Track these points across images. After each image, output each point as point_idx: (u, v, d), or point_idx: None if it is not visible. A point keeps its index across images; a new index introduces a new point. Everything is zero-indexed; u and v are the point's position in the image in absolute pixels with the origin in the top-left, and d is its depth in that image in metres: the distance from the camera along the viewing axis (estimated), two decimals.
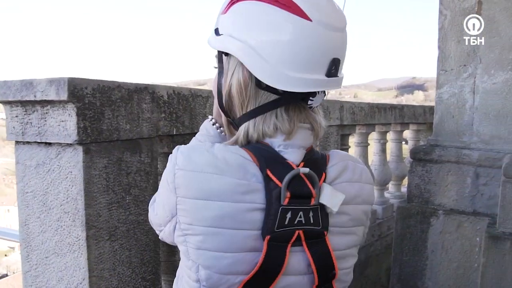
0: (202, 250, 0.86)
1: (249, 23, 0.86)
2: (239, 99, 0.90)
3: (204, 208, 0.84)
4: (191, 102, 1.92)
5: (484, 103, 2.79)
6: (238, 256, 0.85)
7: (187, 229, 0.86)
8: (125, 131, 1.56)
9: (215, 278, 0.86)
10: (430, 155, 2.92)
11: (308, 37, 0.83)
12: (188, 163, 0.86)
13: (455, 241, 2.79)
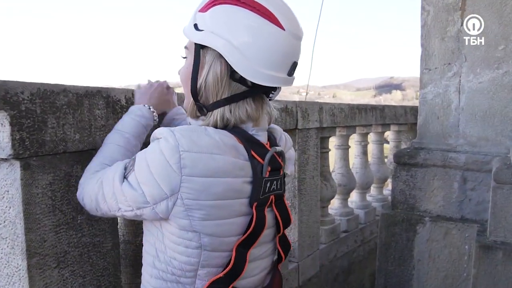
0: (207, 221, 1.01)
1: (233, 25, 1.01)
2: (215, 87, 1.05)
3: (212, 184, 0.99)
4: None
5: (470, 103, 2.66)
6: (234, 220, 1.05)
7: (192, 204, 0.99)
8: (74, 142, 1.35)
9: (216, 242, 1.04)
10: (415, 159, 2.78)
11: (281, 43, 1.03)
12: (193, 145, 0.98)
13: (443, 249, 2.64)
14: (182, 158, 0.97)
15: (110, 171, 1.09)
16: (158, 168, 0.99)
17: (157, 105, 1.40)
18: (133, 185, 1.03)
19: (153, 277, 1.11)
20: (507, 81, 2.54)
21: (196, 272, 1.06)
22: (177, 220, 1.01)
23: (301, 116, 3.06)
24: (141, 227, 1.91)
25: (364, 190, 4.42)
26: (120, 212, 1.08)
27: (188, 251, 1.04)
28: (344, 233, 3.83)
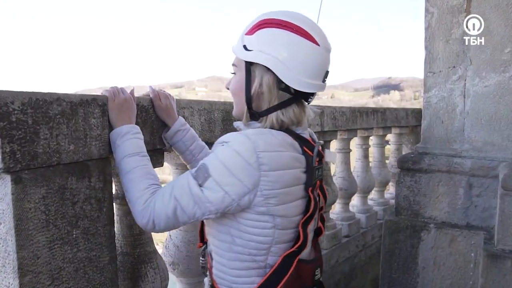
0: (281, 205, 1.22)
1: (277, 44, 1.23)
2: (268, 96, 1.27)
3: (282, 175, 1.20)
4: (151, 114, 1.65)
5: (476, 108, 2.60)
6: (296, 203, 1.26)
7: (269, 194, 1.19)
8: (68, 153, 1.29)
9: (285, 222, 1.25)
10: (419, 164, 2.72)
11: (316, 55, 1.26)
12: (266, 146, 1.18)
13: (448, 257, 2.58)
14: (259, 157, 1.16)
15: (180, 186, 1.22)
16: (239, 169, 1.16)
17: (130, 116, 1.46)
18: (215, 189, 1.18)
19: (231, 260, 1.29)
20: None
21: (269, 249, 1.26)
22: (256, 208, 1.21)
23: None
24: (139, 238, 1.86)
25: (365, 194, 4.37)
26: (203, 216, 1.23)
27: (264, 232, 1.24)
28: (346, 238, 3.77)
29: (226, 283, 1.32)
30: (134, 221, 1.78)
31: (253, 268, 1.28)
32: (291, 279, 1.25)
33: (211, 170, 1.18)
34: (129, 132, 1.39)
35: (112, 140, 1.39)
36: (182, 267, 2.09)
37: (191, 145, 1.68)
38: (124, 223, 1.80)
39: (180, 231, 2.10)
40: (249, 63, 1.27)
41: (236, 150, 1.17)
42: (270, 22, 1.25)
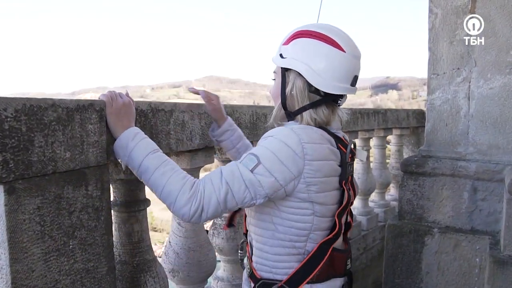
0: (321, 193, 1.33)
1: (307, 51, 1.37)
2: (300, 97, 1.40)
3: (323, 165, 1.32)
4: (150, 119, 1.61)
5: (481, 110, 2.55)
6: (333, 193, 1.38)
7: (311, 181, 1.31)
8: (64, 161, 1.23)
9: (324, 209, 1.36)
10: (423, 168, 2.67)
11: (343, 61, 1.37)
12: (309, 138, 1.31)
13: (452, 262, 2.54)
14: (304, 148, 1.29)
15: (230, 172, 1.29)
16: (287, 158, 1.28)
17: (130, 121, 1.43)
18: (266, 175, 1.28)
19: (274, 247, 1.40)
20: None
21: (308, 236, 1.38)
22: (298, 194, 1.33)
23: None
24: (138, 246, 1.81)
25: (366, 196, 4.33)
26: (252, 201, 1.30)
27: (304, 218, 1.36)
28: None
29: (266, 268, 1.43)
30: (133, 228, 1.77)
31: (293, 254, 1.40)
32: (325, 266, 1.38)
33: (262, 158, 1.29)
34: (138, 133, 1.37)
35: (122, 145, 1.34)
36: (182, 275, 2.04)
37: (238, 143, 1.80)
38: (123, 231, 1.75)
39: (180, 238, 2.06)
40: (284, 69, 1.43)
41: (284, 142, 1.30)
42: (303, 33, 1.41)
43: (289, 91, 1.42)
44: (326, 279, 1.41)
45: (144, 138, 1.36)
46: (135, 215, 1.76)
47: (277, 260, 1.40)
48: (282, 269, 1.40)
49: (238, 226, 2.44)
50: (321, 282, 1.40)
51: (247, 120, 2.21)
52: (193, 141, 1.85)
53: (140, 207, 1.76)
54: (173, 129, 1.73)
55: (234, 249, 2.44)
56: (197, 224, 2.00)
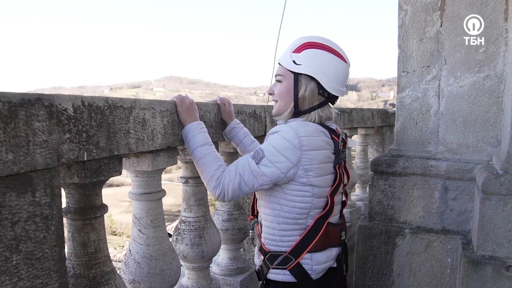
0: (318, 177, 1.61)
1: (320, 61, 1.66)
2: (311, 99, 1.69)
3: (318, 154, 1.60)
4: (108, 116, 1.44)
5: (451, 108, 2.52)
6: (328, 177, 1.65)
7: (308, 168, 1.58)
8: (6, 164, 1.06)
9: (320, 191, 1.64)
10: (393, 167, 2.61)
11: (344, 70, 1.71)
12: (305, 132, 1.59)
13: (424, 262, 2.49)
14: (301, 141, 1.56)
15: (242, 164, 1.63)
16: (285, 150, 1.57)
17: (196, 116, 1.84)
18: (269, 165, 1.58)
19: (280, 223, 1.68)
20: (488, 85, 2.42)
21: (308, 213, 1.65)
22: (298, 179, 1.60)
23: (269, 122, 2.84)
24: (95, 257, 1.63)
25: None
26: (261, 187, 1.63)
27: (305, 199, 1.63)
28: None
29: (274, 242, 1.71)
30: (89, 237, 1.59)
31: (296, 230, 1.67)
32: (322, 237, 1.66)
33: (265, 152, 1.60)
34: (198, 127, 1.79)
35: (185, 135, 1.79)
36: (144, 286, 1.88)
37: (244, 138, 2.11)
38: (77, 241, 1.58)
39: (141, 246, 1.90)
40: (297, 74, 1.68)
41: (284, 137, 1.58)
42: (312, 44, 1.68)
43: (302, 93, 1.68)
44: (323, 248, 1.69)
45: (200, 133, 1.78)
46: (91, 222, 1.59)
47: (283, 235, 1.68)
48: (287, 242, 1.68)
49: (204, 231, 2.30)
50: (319, 251, 1.68)
51: (212, 119, 2.08)
52: (154, 141, 1.69)
53: (97, 213, 1.59)
54: (133, 128, 1.57)
55: (199, 255, 2.29)
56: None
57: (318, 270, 1.69)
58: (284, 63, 1.72)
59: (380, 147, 5.22)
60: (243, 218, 2.68)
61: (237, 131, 2.12)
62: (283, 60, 1.74)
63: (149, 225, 1.91)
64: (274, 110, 1.82)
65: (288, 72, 1.71)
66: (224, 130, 2.13)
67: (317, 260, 1.68)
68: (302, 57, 1.67)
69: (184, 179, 2.30)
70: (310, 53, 1.67)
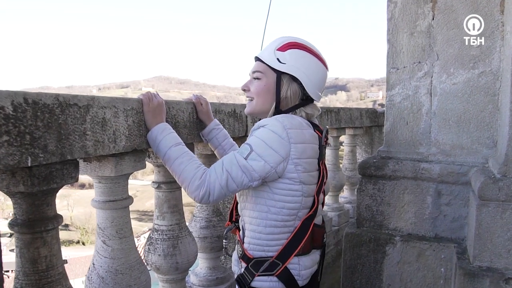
0: (306, 173, 1.55)
1: (305, 63, 1.62)
2: (293, 99, 1.64)
3: (306, 148, 1.55)
4: (58, 116, 1.26)
5: (443, 107, 2.36)
6: (313, 173, 1.60)
7: (298, 162, 1.52)
8: None
9: (309, 189, 1.58)
10: (383, 170, 2.44)
11: (325, 76, 1.70)
12: (292, 125, 1.52)
13: (416, 272, 2.33)
14: (288, 133, 1.48)
15: (229, 161, 1.51)
16: (274, 143, 1.48)
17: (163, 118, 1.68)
18: (257, 159, 1.48)
19: (267, 227, 1.57)
20: (484, 83, 2.26)
21: (297, 214, 1.57)
22: (288, 175, 1.51)
23: (251, 122, 2.67)
24: (47, 275, 1.42)
25: None
26: (250, 183, 1.50)
27: (295, 199, 1.55)
28: None
29: (259, 247, 1.60)
30: (39, 253, 1.40)
31: (283, 232, 1.58)
32: (308, 240, 1.58)
33: (253, 146, 1.50)
34: (166, 128, 1.63)
35: (152, 137, 1.61)
36: None
37: (223, 141, 1.97)
38: (26, 257, 1.38)
39: (106, 259, 1.71)
40: (280, 72, 1.61)
41: (271, 129, 1.49)
42: (298, 45, 1.62)
43: (284, 92, 1.62)
44: (309, 252, 1.62)
45: (171, 133, 1.62)
46: (42, 236, 1.39)
47: (270, 239, 1.58)
48: (274, 247, 1.58)
49: (178, 241, 2.12)
50: (306, 255, 1.61)
51: (186, 119, 1.90)
52: (117, 143, 1.51)
53: (48, 226, 1.40)
54: (90, 129, 1.39)
55: (173, 267, 2.11)
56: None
57: (305, 276, 1.62)
58: (267, 60, 1.63)
59: (369, 147, 5.07)
60: (223, 224, 2.50)
61: (216, 133, 1.98)
62: (265, 56, 1.64)
63: (114, 236, 1.72)
64: (249, 108, 1.71)
65: (269, 69, 1.63)
66: (202, 131, 1.97)
67: (304, 264, 1.61)
68: (287, 56, 1.60)
69: (156, 184, 2.12)
70: (296, 53, 1.61)
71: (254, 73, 1.67)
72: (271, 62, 1.62)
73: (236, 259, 1.73)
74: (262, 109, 1.67)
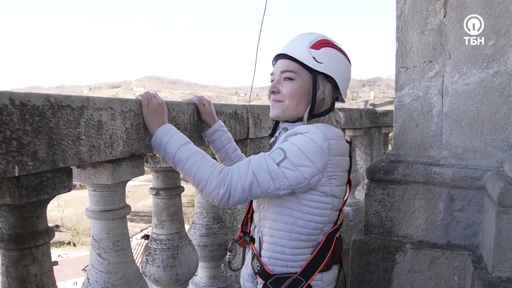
0: (339, 187, 1.46)
1: (339, 62, 1.53)
2: (327, 101, 1.54)
3: (342, 160, 1.46)
4: (50, 119, 1.13)
5: (455, 108, 2.25)
6: (344, 187, 1.53)
7: (333, 175, 1.43)
8: None
9: (339, 203, 1.50)
10: (392, 175, 2.33)
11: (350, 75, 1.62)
12: (334, 135, 1.43)
13: (428, 281, 2.22)
14: (329, 144, 1.40)
15: (258, 163, 1.39)
16: (313, 153, 1.37)
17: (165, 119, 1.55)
18: (291, 168, 1.37)
19: (292, 240, 1.46)
20: (498, 83, 2.16)
21: (323, 229, 1.48)
22: (321, 188, 1.42)
23: (252, 124, 2.55)
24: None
25: None
26: (276, 192, 1.39)
27: (324, 212, 1.46)
28: None
29: (282, 263, 1.49)
30: (28, 271, 1.27)
31: (308, 247, 1.48)
32: (331, 255, 1.49)
33: (288, 153, 1.38)
34: (172, 129, 1.51)
35: (157, 140, 1.48)
36: None
37: (227, 144, 1.85)
38: (13, 276, 1.25)
39: (102, 273, 1.59)
40: (316, 72, 1.49)
41: (312, 138, 1.38)
42: (330, 43, 1.52)
43: (320, 94, 1.51)
44: (330, 267, 1.53)
45: (177, 133, 1.50)
46: (31, 252, 1.26)
47: (295, 253, 1.47)
48: (297, 262, 1.48)
49: (178, 251, 1.99)
50: (328, 271, 1.52)
51: (186, 121, 1.77)
52: (114, 148, 1.38)
53: (38, 241, 1.26)
54: (85, 133, 1.26)
55: (172, 279, 1.98)
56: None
57: None
58: (302, 58, 1.49)
59: (369, 149, 4.96)
60: (224, 232, 2.38)
61: (221, 135, 1.86)
62: (299, 54, 1.50)
63: (110, 248, 1.59)
64: (277, 111, 1.55)
65: (302, 69, 1.50)
66: (205, 132, 1.86)
67: (327, 281, 1.53)
68: (323, 55, 1.49)
69: (155, 191, 1.99)
70: (330, 52, 1.51)
71: (284, 73, 1.52)
72: (308, 61, 1.49)
73: (250, 274, 1.59)
74: (295, 113, 1.53)
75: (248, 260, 1.63)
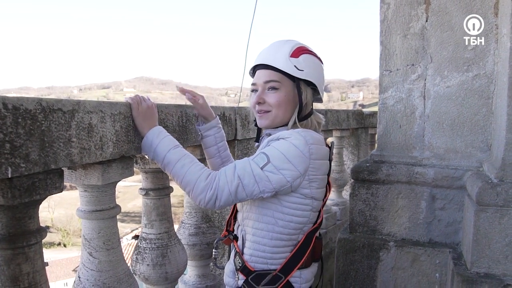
0: (319, 189, 1.53)
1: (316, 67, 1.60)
2: (309, 104, 1.62)
3: (322, 164, 1.52)
4: (41, 122, 1.17)
5: (437, 110, 2.32)
6: (323, 189, 1.58)
7: (313, 178, 1.49)
8: None
9: (318, 204, 1.56)
10: (376, 175, 2.40)
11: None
12: (314, 140, 1.48)
13: (410, 278, 2.29)
14: (310, 148, 1.44)
15: (242, 167, 1.44)
16: (295, 158, 1.43)
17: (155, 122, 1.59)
18: (274, 172, 1.42)
19: (273, 239, 1.52)
20: (478, 86, 2.23)
21: (302, 228, 1.54)
22: (301, 190, 1.48)
23: (240, 125, 2.60)
24: None
25: None
26: (261, 194, 1.44)
27: (304, 213, 1.51)
28: None
29: (262, 260, 1.56)
30: (21, 270, 1.31)
31: (288, 246, 1.54)
32: (310, 253, 1.56)
33: (271, 158, 1.43)
34: (162, 131, 1.55)
35: (148, 142, 1.52)
36: None
37: (220, 142, 1.89)
38: (6, 275, 1.29)
39: (92, 272, 1.62)
40: (298, 79, 1.56)
41: (294, 143, 1.44)
42: (306, 49, 1.59)
43: (304, 100, 1.58)
44: (309, 265, 1.60)
45: (167, 136, 1.54)
46: (24, 251, 1.30)
47: (275, 252, 1.54)
48: (277, 260, 1.54)
49: (167, 250, 2.03)
50: (307, 268, 1.59)
51: (175, 123, 1.82)
52: (104, 150, 1.42)
53: (31, 240, 1.30)
54: (76, 135, 1.30)
55: (162, 277, 2.03)
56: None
57: None
58: (285, 68, 1.54)
59: (356, 149, 5.04)
60: (212, 231, 2.42)
61: (216, 132, 1.89)
62: (281, 64, 1.55)
63: (101, 247, 1.63)
64: (266, 121, 1.60)
65: (284, 77, 1.55)
66: (200, 125, 1.88)
67: (306, 277, 1.59)
68: (303, 62, 1.56)
69: (144, 191, 2.03)
70: (308, 58, 1.58)
71: (268, 83, 1.57)
72: (290, 70, 1.54)
73: (231, 270, 1.66)
74: (283, 120, 1.59)
75: (232, 257, 1.68)
